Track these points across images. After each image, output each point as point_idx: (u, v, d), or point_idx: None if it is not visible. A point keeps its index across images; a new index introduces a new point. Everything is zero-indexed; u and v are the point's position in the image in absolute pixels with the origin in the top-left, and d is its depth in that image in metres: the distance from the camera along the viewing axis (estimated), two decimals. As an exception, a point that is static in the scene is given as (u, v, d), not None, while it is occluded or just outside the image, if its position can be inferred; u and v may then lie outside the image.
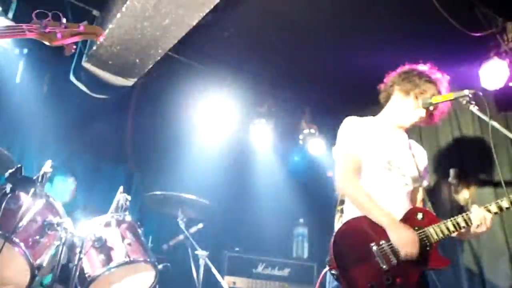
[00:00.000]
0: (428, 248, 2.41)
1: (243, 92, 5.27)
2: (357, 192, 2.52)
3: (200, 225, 4.13)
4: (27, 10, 2.17)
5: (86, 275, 2.82)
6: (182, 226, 3.92)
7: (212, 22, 3.91)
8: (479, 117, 2.57)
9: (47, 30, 2.09)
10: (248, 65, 4.93)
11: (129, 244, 2.97)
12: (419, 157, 2.84)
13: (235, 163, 5.80)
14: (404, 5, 3.81)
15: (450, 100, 2.62)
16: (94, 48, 3.97)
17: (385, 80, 2.88)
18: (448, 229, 2.44)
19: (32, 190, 2.59)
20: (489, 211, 2.45)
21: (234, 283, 4.59)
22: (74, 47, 2.26)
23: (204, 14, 3.56)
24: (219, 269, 3.89)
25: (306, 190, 5.63)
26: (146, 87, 4.91)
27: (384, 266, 2.33)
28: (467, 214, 2.45)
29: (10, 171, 2.54)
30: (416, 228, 2.44)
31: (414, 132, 4.76)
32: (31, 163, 4.30)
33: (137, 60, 4.14)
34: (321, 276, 2.48)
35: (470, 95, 2.53)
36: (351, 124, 2.73)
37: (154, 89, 5.04)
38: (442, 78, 2.76)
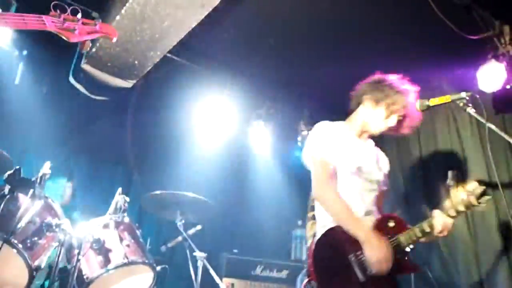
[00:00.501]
0: (399, 256, 2.43)
1: (242, 93, 5.28)
2: (334, 203, 2.54)
3: (199, 227, 4.13)
4: (27, 11, 2.11)
5: (84, 277, 2.83)
6: (181, 228, 3.92)
7: (211, 24, 3.92)
8: (476, 119, 2.59)
9: (66, 25, 2.04)
10: (247, 67, 4.95)
11: (127, 246, 2.98)
12: (383, 163, 2.90)
13: (234, 164, 5.81)
14: (402, 9, 3.82)
15: (448, 102, 2.64)
16: (94, 49, 3.98)
17: (356, 88, 2.90)
18: (416, 235, 2.46)
19: (31, 191, 2.59)
20: (449, 215, 2.47)
21: (233, 285, 4.59)
22: (90, 44, 2.24)
23: (203, 16, 3.56)
24: (217, 271, 3.89)
25: (305, 192, 5.63)
26: (145, 89, 4.91)
27: (362, 277, 2.35)
28: (430, 220, 2.47)
29: (8, 172, 2.54)
30: (389, 236, 2.47)
31: (413, 135, 4.79)
32: (30, 165, 4.30)
33: (136, 62, 4.15)
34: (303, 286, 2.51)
35: (467, 98, 2.55)
36: (323, 130, 2.75)
37: (153, 90, 5.04)
38: (411, 89, 2.78)
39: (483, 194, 2.46)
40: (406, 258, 2.47)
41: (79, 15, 2.07)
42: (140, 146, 5.24)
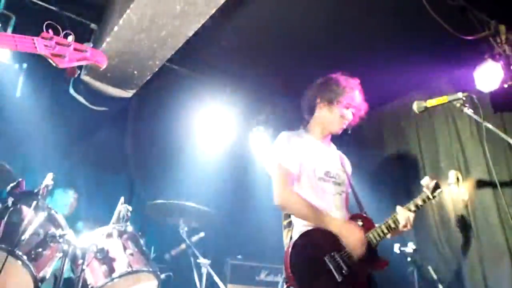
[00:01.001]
0: (371, 253, 2.54)
1: (242, 100, 5.31)
2: (298, 205, 2.59)
3: (202, 234, 4.15)
4: (26, 26, 2.10)
5: (89, 286, 2.84)
6: (184, 235, 3.94)
7: (209, 32, 3.95)
8: (475, 119, 2.62)
9: (57, 50, 1.97)
10: (246, 74, 4.97)
11: (131, 254, 2.99)
12: (347, 165, 2.98)
13: (235, 171, 5.82)
14: (398, 13, 3.86)
15: (445, 103, 2.66)
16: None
17: (304, 95, 3.00)
18: (383, 231, 2.59)
19: (34, 203, 2.61)
20: (409, 210, 2.62)
21: (237, 291, 4.59)
22: (78, 71, 2.20)
23: (201, 24, 3.59)
24: (222, 277, 3.90)
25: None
26: (146, 98, 4.94)
27: (339, 278, 2.41)
28: (394, 216, 2.61)
29: (11, 185, 2.57)
30: None
31: (413, 137, 4.81)
32: (33, 177, 4.32)
33: (135, 72, 4.18)
34: None
35: (464, 98, 2.58)
36: (284, 139, 2.79)
37: (153, 100, 5.07)
38: (355, 82, 2.91)
39: (436, 187, 2.70)
40: (376, 254, 2.60)
41: (70, 38, 2.01)
42: (142, 155, 5.26)
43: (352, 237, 2.49)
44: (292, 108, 5.67)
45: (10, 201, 2.50)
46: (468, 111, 2.57)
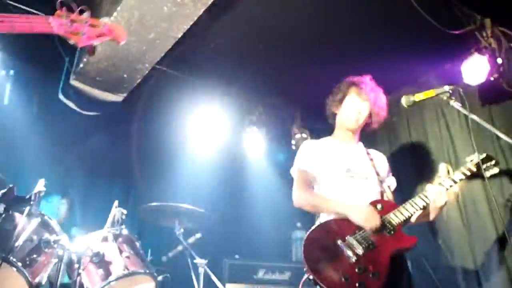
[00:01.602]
0: (392, 232, 2.61)
1: (233, 101, 5.33)
2: (309, 198, 2.82)
3: (198, 235, 4.15)
4: None
5: (86, 291, 2.85)
6: (180, 236, 3.95)
7: (199, 34, 3.96)
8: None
9: (74, 27, 1.86)
10: (238, 74, 4.98)
11: (127, 257, 2.99)
12: (378, 162, 3.09)
13: (230, 171, 5.84)
14: (385, 10, 3.89)
15: (432, 97, 2.70)
16: (81, 65, 4.01)
17: (327, 107, 3.20)
18: (407, 210, 2.67)
19: (27, 209, 2.61)
20: (441, 185, 2.74)
21: (236, 290, 4.61)
22: (98, 49, 2.04)
23: (189, 26, 3.60)
24: (220, 277, 3.91)
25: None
26: (137, 102, 4.94)
27: (353, 258, 2.48)
28: (423, 193, 2.71)
29: (3, 191, 2.56)
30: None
31: (404, 132, 4.85)
32: (25, 184, 4.31)
33: (125, 75, 4.17)
34: (301, 284, 2.62)
35: (451, 91, 2.62)
36: (304, 147, 3.07)
37: (144, 103, 5.07)
38: (362, 79, 3.07)
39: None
40: (399, 233, 2.63)
41: (86, 14, 1.90)
42: (135, 159, 5.26)
43: (359, 213, 2.61)
44: (284, 107, 5.71)
45: (1, 207, 2.49)
46: (455, 103, 2.62)
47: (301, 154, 3.03)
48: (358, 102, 3.01)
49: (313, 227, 2.68)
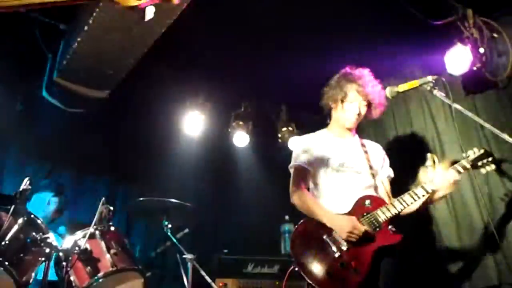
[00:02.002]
0: (378, 229, 2.69)
1: (219, 95, 5.32)
2: (301, 200, 2.91)
3: (186, 230, 4.15)
4: None
5: (74, 288, 2.83)
6: (168, 232, 3.94)
7: (185, 28, 3.94)
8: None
9: None
10: (222, 69, 4.97)
11: (115, 254, 2.98)
12: (373, 153, 3.15)
13: (217, 166, 5.84)
14: (367, 1, 3.91)
15: (416, 87, 2.74)
16: (65, 62, 3.96)
17: (322, 100, 3.23)
18: (395, 207, 2.73)
19: (12, 208, 2.58)
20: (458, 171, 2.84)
21: (226, 284, 4.60)
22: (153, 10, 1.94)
23: (172, 20, 3.58)
24: (209, 272, 3.91)
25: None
26: (122, 98, 4.91)
27: (337, 253, 2.59)
28: (413, 191, 2.81)
29: (-13, 190, 2.54)
30: (365, 213, 2.74)
31: (390, 123, 4.88)
32: (12, 183, 4.27)
33: (110, 71, 4.14)
34: (287, 275, 2.73)
35: (434, 81, 2.66)
36: (299, 143, 3.17)
37: (130, 99, 5.04)
38: (363, 75, 3.08)
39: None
40: (385, 230, 2.70)
41: None
42: (121, 155, 5.23)
43: (342, 227, 2.66)
44: (270, 101, 5.73)
45: (-14, 206, 2.47)
46: (438, 93, 2.65)
47: (297, 150, 3.10)
48: (360, 104, 3.05)
49: (301, 221, 2.78)
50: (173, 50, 4.53)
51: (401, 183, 4.51)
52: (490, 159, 2.90)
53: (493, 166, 2.92)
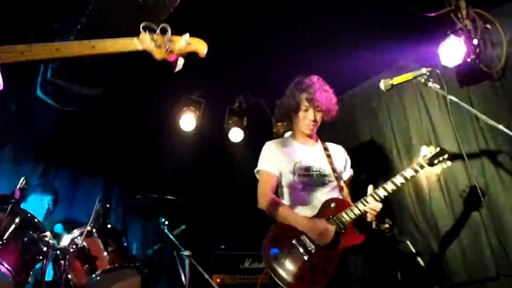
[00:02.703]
0: (343, 231, 2.77)
1: (213, 92, 5.30)
2: (270, 205, 2.97)
3: (183, 227, 4.16)
4: None
5: (73, 286, 2.83)
6: (165, 229, 3.94)
7: (178, 24, 3.91)
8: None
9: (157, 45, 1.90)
10: (216, 64, 4.96)
11: (112, 251, 2.99)
12: (336, 156, 3.23)
13: (212, 162, 5.84)
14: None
15: (410, 79, 2.74)
16: (59, 61, 3.94)
17: (280, 109, 3.37)
18: (358, 208, 2.79)
19: (9, 207, 2.58)
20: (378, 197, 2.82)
21: (223, 280, 4.62)
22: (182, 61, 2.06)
23: (165, 18, 3.57)
24: (206, 268, 3.92)
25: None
26: (116, 95, 4.89)
27: (306, 256, 2.67)
28: (364, 198, 2.83)
29: (-16, 190, 2.53)
30: (331, 216, 2.81)
31: (384, 116, 4.89)
32: (7, 183, 4.26)
33: (104, 69, 4.12)
34: (260, 279, 2.86)
35: (428, 73, 2.66)
36: (264, 148, 3.25)
37: (124, 95, 5.03)
38: (312, 84, 3.15)
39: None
40: (350, 231, 2.79)
41: (168, 34, 1.94)
42: (116, 152, 5.22)
43: (312, 232, 2.75)
44: (265, 96, 5.72)
45: (-17, 206, 2.46)
46: (433, 85, 2.66)
47: (263, 156, 3.20)
48: (312, 112, 3.13)
49: (271, 226, 2.89)
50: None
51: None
52: (445, 156, 2.94)
53: (449, 163, 2.96)
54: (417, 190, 4.38)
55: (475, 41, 3.79)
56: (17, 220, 2.66)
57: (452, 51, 3.82)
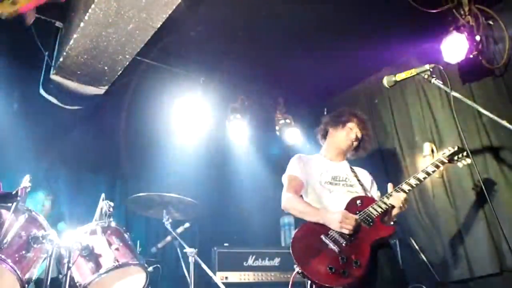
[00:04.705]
0: (371, 224, 2.83)
1: (216, 89, 5.31)
2: (294, 204, 3.06)
3: (187, 225, 4.16)
4: None
5: (77, 284, 2.84)
6: (169, 227, 3.95)
7: (178, 23, 3.92)
8: (445, 90, 2.71)
9: None
10: (219, 62, 4.96)
11: (117, 249, 2.99)
12: (362, 176, 3.34)
13: (215, 159, 5.85)
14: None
15: (413, 76, 2.74)
16: (61, 59, 3.94)
17: (320, 126, 3.54)
18: (384, 203, 2.90)
19: (13, 205, 2.58)
20: (403, 191, 2.94)
21: (227, 278, 4.62)
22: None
23: (167, 15, 3.57)
24: (210, 265, 3.93)
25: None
26: (119, 94, 4.90)
27: (336, 249, 2.72)
28: (389, 193, 2.95)
29: (-13, 188, 2.53)
30: (357, 212, 2.88)
31: (387, 113, 4.89)
32: (11, 181, 4.26)
33: (106, 68, 4.12)
34: (292, 277, 2.79)
35: (431, 69, 2.66)
36: (294, 158, 3.35)
37: (127, 94, 5.03)
38: (363, 116, 3.43)
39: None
40: (378, 224, 2.85)
41: None
42: (120, 151, 5.23)
43: (332, 221, 2.81)
44: (267, 94, 5.72)
45: (-13, 204, 2.46)
46: (436, 81, 2.65)
47: (292, 164, 3.29)
48: (358, 130, 3.32)
49: (299, 227, 2.95)
50: (166, 46, 4.51)
51: (399, 173, 4.56)
52: (464, 153, 3.09)
53: (468, 160, 3.10)
54: (420, 186, 4.37)
55: (478, 38, 3.79)
56: (21, 218, 2.65)
57: (455, 47, 3.82)
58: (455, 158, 3.10)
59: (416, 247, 4.11)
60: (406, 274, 3.52)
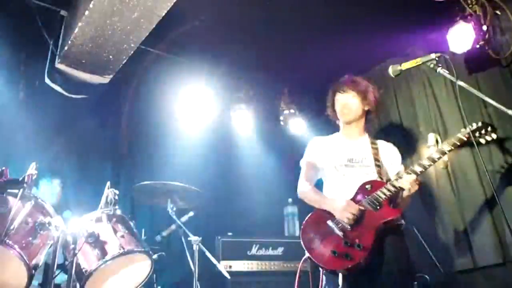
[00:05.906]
0: (378, 207, 2.86)
1: (220, 78, 5.31)
2: (305, 192, 3.18)
3: (191, 213, 4.18)
4: None
5: (83, 270, 2.86)
6: (173, 215, 3.97)
7: (183, 11, 3.92)
8: (450, 80, 2.70)
9: None
10: (223, 52, 4.96)
11: (122, 237, 3.01)
12: (384, 151, 3.29)
13: (220, 149, 5.85)
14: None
15: (418, 65, 2.72)
16: (66, 48, 3.95)
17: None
18: (394, 185, 2.87)
19: (20, 192, 2.60)
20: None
21: (230, 266, 4.65)
22: None
23: (172, 3, 3.56)
24: (214, 255, 3.95)
25: (292, 170, 5.70)
26: (124, 82, 4.90)
27: (341, 234, 2.80)
28: (399, 175, 2.93)
29: (-6, 174, 2.55)
30: (367, 196, 2.92)
31: (392, 103, 4.88)
32: (17, 169, 4.28)
33: (111, 57, 4.13)
34: (301, 263, 2.94)
35: (437, 58, 2.64)
36: (312, 142, 3.43)
37: (132, 83, 5.04)
38: (341, 79, 3.39)
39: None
40: (385, 207, 2.88)
41: None
42: (125, 139, 5.25)
43: (335, 210, 2.92)
44: (271, 83, 5.71)
45: (-5, 191, 2.49)
46: (442, 70, 2.64)
47: (310, 148, 3.38)
48: (341, 98, 3.30)
49: (308, 215, 3.07)
50: (172, 35, 4.51)
51: (404, 163, 4.55)
52: (489, 129, 2.96)
53: (494, 136, 2.96)
54: (424, 177, 4.37)
55: (485, 27, 3.76)
56: (28, 205, 2.67)
57: (461, 37, 3.80)
58: (477, 134, 2.95)
59: (420, 237, 4.11)
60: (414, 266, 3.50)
